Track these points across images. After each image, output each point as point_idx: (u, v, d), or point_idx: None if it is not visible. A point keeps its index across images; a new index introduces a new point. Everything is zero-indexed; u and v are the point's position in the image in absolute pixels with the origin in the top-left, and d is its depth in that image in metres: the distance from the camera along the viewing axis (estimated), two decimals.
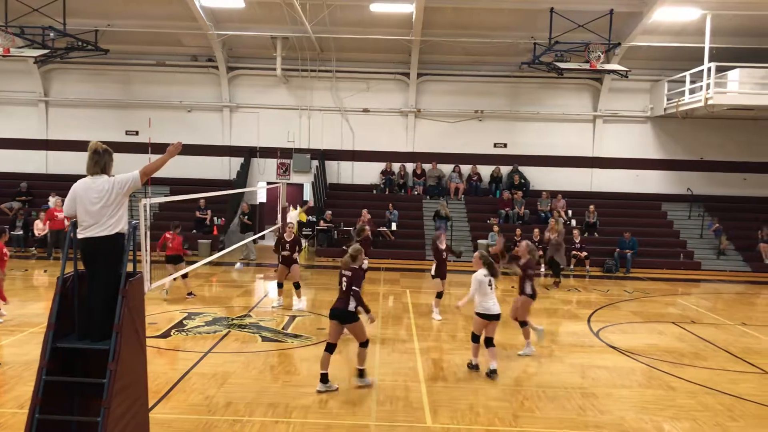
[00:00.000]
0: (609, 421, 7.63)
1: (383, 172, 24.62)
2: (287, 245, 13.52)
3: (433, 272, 13.27)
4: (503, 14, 21.11)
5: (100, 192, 5.52)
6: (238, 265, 19.22)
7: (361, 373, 8.63)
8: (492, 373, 9.12)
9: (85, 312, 5.50)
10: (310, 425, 7.22)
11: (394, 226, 21.92)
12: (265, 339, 10.99)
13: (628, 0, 20.09)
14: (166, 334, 11.08)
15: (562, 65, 20.20)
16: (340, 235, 21.87)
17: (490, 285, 9.25)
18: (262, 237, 21.26)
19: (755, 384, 9.27)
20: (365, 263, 11.47)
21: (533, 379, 9.16)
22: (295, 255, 13.65)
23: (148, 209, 8.00)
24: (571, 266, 19.76)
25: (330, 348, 8.50)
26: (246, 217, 21.25)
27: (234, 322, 12.14)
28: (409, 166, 24.77)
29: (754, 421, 7.77)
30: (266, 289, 16.42)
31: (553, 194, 23.32)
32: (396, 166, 24.65)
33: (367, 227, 13.38)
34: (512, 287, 15.35)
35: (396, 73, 24.43)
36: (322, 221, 21.99)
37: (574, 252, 19.94)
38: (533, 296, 10.56)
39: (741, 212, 23.23)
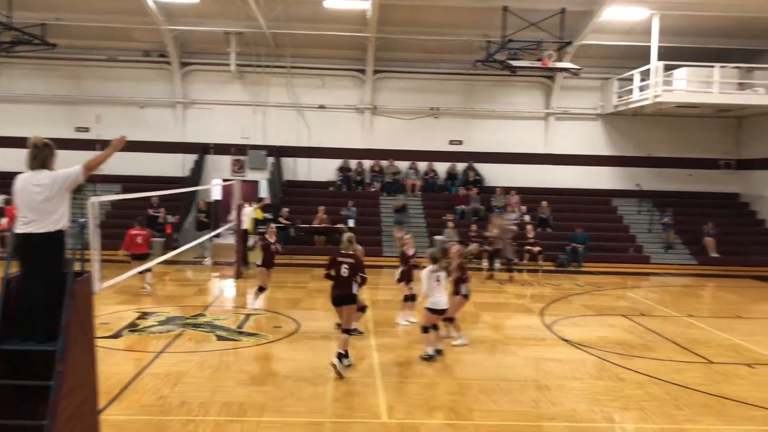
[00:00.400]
0: (561, 413, 7.79)
1: (340, 169, 24.58)
2: (273, 246, 13.12)
3: (398, 276, 12.66)
4: (458, 12, 21.25)
5: (41, 186, 5.39)
6: (207, 261, 19.27)
7: (339, 356, 8.92)
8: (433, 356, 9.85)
9: (27, 312, 5.35)
10: (265, 423, 7.19)
11: (351, 223, 21.90)
12: (220, 338, 10.89)
13: None
14: (118, 334, 10.89)
15: (515, 63, 20.42)
16: (297, 232, 21.77)
17: (438, 280, 9.81)
18: (218, 235, 21.03)
19: (700, 373, 9.58)
20: None
21: (488, 373, 9.29)
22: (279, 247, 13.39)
23: (97, 207, 7.83)
24: (525, 261, 20.07)
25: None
26: (203, 214, 20.99)
27: (188, 321, 11.99)
28: (366, 163, 24.78)
29: (698, 410, 8.03)
30: (221, 287, 16.26)
31: (506, 190, 23.62)
32: (353, 163, 24.64)
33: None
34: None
35: (352, 69, 24.39)
36: (280, 218, 21.83)
37: (527, 247, 20.25)
38: (467, 297, 10.92)
39: (687, 207, 23.86)
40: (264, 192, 25.02)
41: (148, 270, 13.77)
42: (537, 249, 20.30)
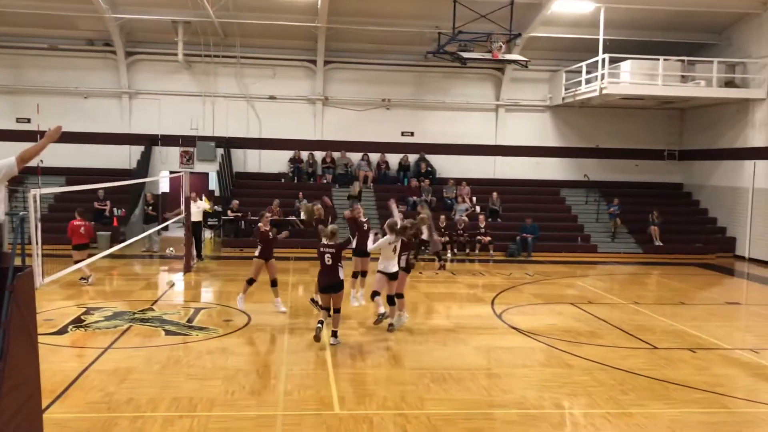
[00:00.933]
0: (512, 400, 7.91)
1: (291, 161, 24.38)
2: (270, 234, 12.39)
3: (354, 245, 12.32)
4: (408, 2, 21.26)
5: None
6: (169, 250, 18.95)
7: (335, 334, 10.07)
8: (390, 326, 10.88)
9: None
10: (216, 418, 7.11)
11: (303, 215, 21.73)
12: (168, 333, 10.70)
13: None
14: (62, 331, 10.60)
15: (465, 55, 20.54)
16: (247, 225, 21.52)
17: (394, 250, 10.66)
18: (166, 228, 20.66)
19: (645, 359, 9.84)
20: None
21: (439, 362, 9.36)
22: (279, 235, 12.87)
23: (38, 200, 7.60)
24: (476, 251, 20.32)
25: (328, 310, 10.13)
26: (150, 207, 20.60)
27: (136, 316, 11.75)
28: (318, 155, 24.63)
29: (643, 394, 8.25)
30: (171, 280, 15.98)
31: (458, 181, 23.80)
32: (304, 155, 24.46)
33: (318, 206, 12.65)
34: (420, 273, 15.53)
35: (303, 60, 24.15)
36: (229, 211, 21.56)
37: (478, 237, 20.50)
38: (407, 270, 11.36)
39: (633, 197, 24.39)
40: (213, 184, 24.65)
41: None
42: (487, 239, 20.57)
